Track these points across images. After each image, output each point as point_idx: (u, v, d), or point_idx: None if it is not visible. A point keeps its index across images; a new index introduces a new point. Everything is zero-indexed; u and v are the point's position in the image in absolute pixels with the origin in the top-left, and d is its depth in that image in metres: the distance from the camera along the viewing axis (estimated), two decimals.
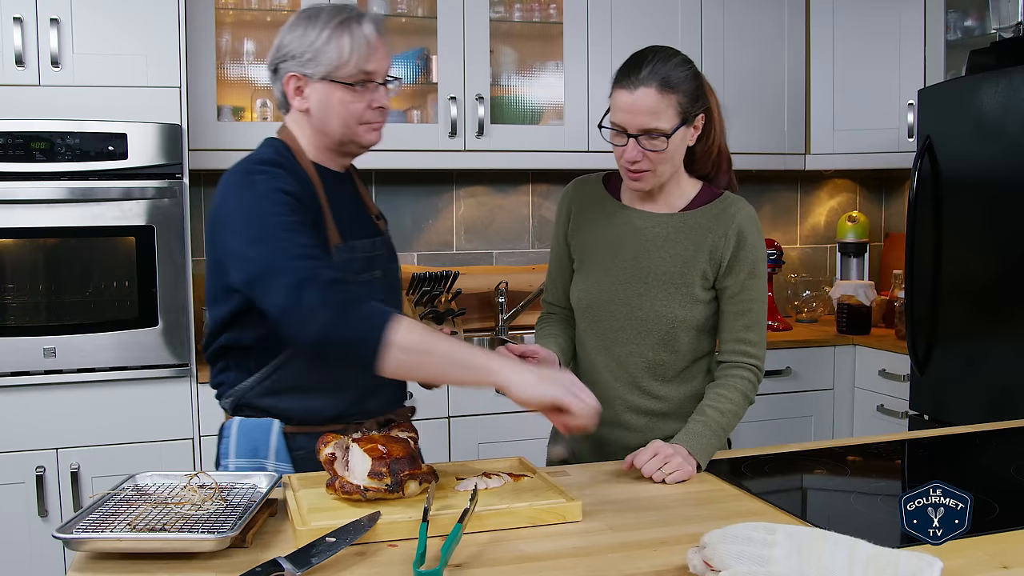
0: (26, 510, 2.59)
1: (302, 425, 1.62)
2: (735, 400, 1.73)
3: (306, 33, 1.58)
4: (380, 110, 1.64)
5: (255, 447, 1.62)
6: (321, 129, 1.63)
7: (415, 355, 1.37)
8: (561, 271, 1.92)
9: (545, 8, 3.41)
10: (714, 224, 1.76)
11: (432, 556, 1.18)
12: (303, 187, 1.57)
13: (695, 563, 1.12)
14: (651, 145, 1.66)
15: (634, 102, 1.64)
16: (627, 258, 1.77)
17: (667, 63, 1.66)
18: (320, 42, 1.57)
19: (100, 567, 1.18)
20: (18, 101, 2.58)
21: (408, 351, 1.36)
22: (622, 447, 1.75)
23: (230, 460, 1.63)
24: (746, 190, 3.95)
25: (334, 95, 1.59)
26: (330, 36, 1.57)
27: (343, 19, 1.58)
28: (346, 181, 1.73)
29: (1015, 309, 2.72)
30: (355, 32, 1.58)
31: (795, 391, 3.41)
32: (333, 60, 1.57)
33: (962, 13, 3.38)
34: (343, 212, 1.64)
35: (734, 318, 1.76)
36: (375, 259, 1.69)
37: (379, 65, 1.61)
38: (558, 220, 1.91)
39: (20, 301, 2.59)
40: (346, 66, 1.57)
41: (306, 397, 1.62)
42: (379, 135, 1.67)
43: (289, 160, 1.61)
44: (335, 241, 1.60)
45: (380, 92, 1.63)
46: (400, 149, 3.16)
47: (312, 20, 1.59)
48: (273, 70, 1.64)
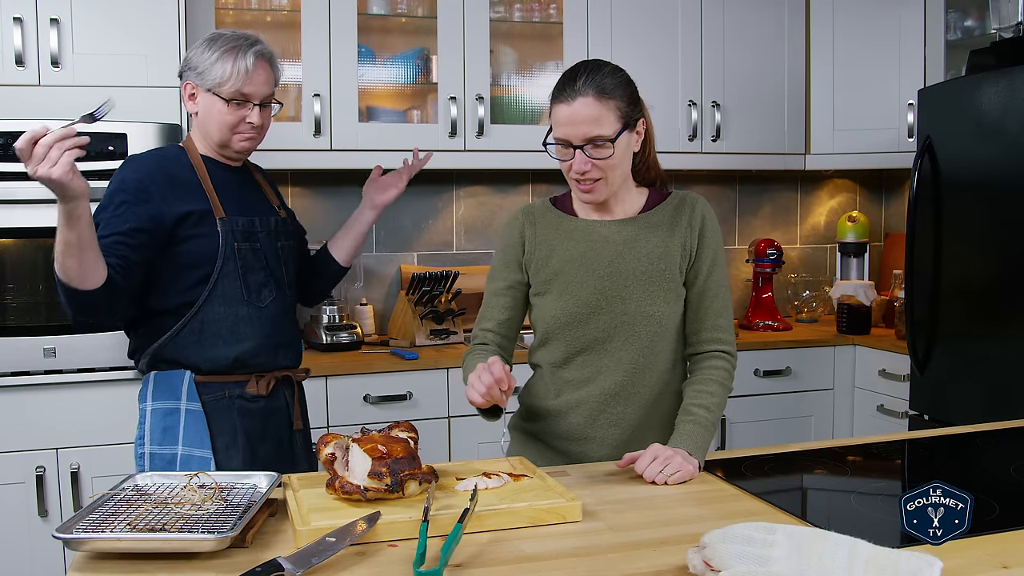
0: (26, 510, 2.59)
1: (209, 375, 1.97)
2: (716, 393, 1.75)
3: (204, 51, 1.95)
4: (251, 126, 1.98)
5: (170, 390, 1.96)
6: (203, 130, 2.01)
7: (63, 257, 1.68)
8: (508, 298, 1.86)
9: (545, 8, 3.42)
10: (677, 217, 1.80)
11: (432, 556, 1.18)
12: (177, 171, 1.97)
13: (695, 563, 1.12)
14: (597, 154, 1.69)
15: (574, 113, 1.68)
16: (602, 266, 1.77)
17: (599, 72, 1.70)
18: (210, 61, 1.94)
19: (100, 567, 1.18)
20: (18, 101, 2.58)
21: (59, 263, 1.69)
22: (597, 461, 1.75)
23: (147, 404, 1.97)
24: (746, 190, 3.99)
25: (215, 106, 1.96)
26: (218, 58, 1.93)
27: (232, 47, 1.94)
28: (240, 174, 2.10)
29: (1015, 309, 2.72)
30: (238, 60, 1.93)
31: (795, 391, 3.42)
32: (216, 78, 1.94)
33: (962, 13, 3.38)
34: (229, 196, 2.01)
35: (703, 307, 1.79)
36: (255, 233, 2.03)
37: (255, 90, 1.96)
38: (508, 248, 1.86)
39: (20, 301, 2.59)
40: (225, 85, 1.93)
41: (209, 349, 1.97)
42: (250, 145, 2.02)
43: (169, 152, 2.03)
44: (218, 215, 1.97)
45: (254, 112, 1.97)
46: (400, 149, 3.16)
47: (212, 41, 1.96)
48: (180, 76, 2.02)
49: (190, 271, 1.95)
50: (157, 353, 1.98)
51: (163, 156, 2.02)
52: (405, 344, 3.22)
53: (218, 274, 1.96)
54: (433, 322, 3.24)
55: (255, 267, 2.02)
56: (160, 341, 1.97)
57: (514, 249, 1.85)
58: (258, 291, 2.02)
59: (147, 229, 1.89)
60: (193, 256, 1.94)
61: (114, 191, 1.92)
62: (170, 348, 1.97)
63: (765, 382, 3.37)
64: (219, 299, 1.97)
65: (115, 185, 1.93)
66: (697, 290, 1.79)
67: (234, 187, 2.06)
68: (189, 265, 1.95)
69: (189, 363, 1.97)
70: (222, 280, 1.97)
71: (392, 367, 2.92)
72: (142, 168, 1.96)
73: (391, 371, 2.91)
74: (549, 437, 1.83)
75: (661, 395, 1.81)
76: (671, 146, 3.41)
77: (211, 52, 1.94)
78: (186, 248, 1.94)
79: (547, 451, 1.83)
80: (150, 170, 1.95)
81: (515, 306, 1.86)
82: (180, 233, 1.93)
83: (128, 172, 1.95)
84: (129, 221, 1.87)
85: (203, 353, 1.97)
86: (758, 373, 3.35)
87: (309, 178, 3.38)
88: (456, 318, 3.30)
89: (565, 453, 1.81)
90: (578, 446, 1.80)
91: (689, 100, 3.47)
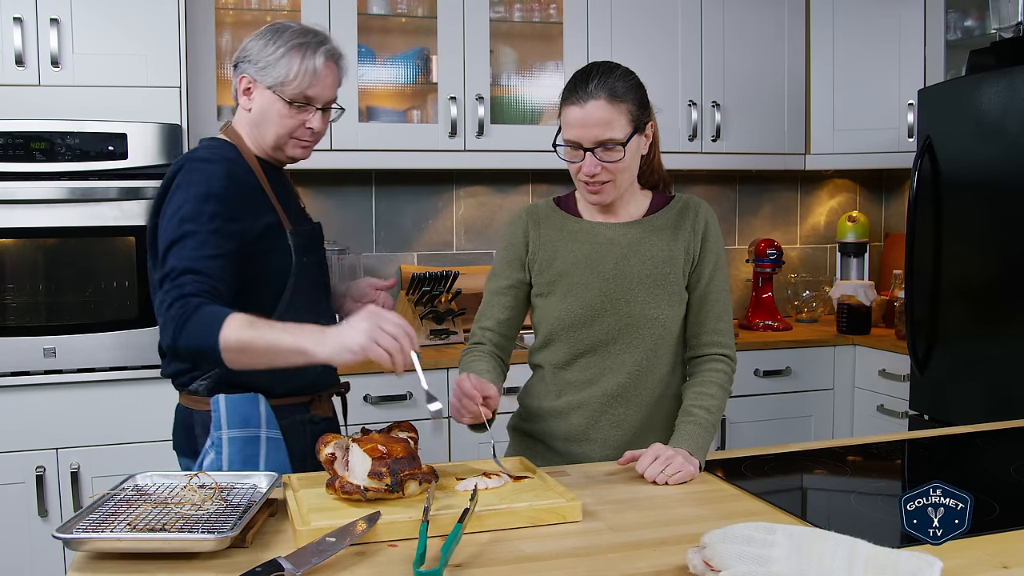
0: (26, 510, 2.59)
1: (280, 398, 1.78)
2: (716, 395, 1.75)
3: (267, 44, 1.75)
4: (311, 131, 1.79)
5: (245, 417, 1.74)
6: (257, 130, 1.79)
7: (242, 354, 1.52)
8: (509, 298, 1.85)
9: (545, 8, 3.41)
10: (681, 220, 1.80)
11: (432, 556, 1.18)
12: (246, 178, 1.73)
13: (695, 563, 1.12)
14: (608, 156, 1.69)
15: (586, 116, 1.67)
16: (607, 268, 1.77)
17: (611, 75, 1.70)
18: (274, 56, 1.73)
19: (100, 567, 1.18)
20: (18, 101, 2.58)
21: (236, 351, 1.51)
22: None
23: (223, 432, 1.73)
24: (746, 190, 3.99)
25: (274, 106, 1.75)
26: (284, 54, 1.73)
27: (301, 43, 1.74)
28: (282, 175, 1.89)
29: (1015, 309, 2.72)
30: (306, 58, 1.73)
31: (795, 391, 3.41)
32: (280, 76, 1.73)
33: (962, 13, 3.38)
34: (285, 203, 1.81)
35: (705, 311, 1.80)
36: (317, 244, 1.87)
37: (320, 93, 1.77)
38: (511, 247, 1.85)
39: (20, 301, 2.59)
40: (289, 85, 1.73)
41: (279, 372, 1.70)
42: (306, 152, 1.83)
43: (229, 153, 1.75)
44: (287, 227, 1.77)
45: (316, 116, 1.78)
46: (400, 149, 3.17)
47: (276, 34, 1.76)
48: (234, 66, 1.80)
49: (261, 288, 1.74)
50: (223, 377, 1.74)
51: (227, 158, 1.75)
52: None
53: (291, 292, 1.77)
54: (433, 322, 3.24)
55: (319, 281, 1.85)
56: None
57: (517, 248, 1.85)
58: (322, 306, 1.86)
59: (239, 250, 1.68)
60: (266, 273, 1.74)
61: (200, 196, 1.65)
62: (237, 374, 1.68)
63: (765, 382, 3.37)
64: (291, 318, 1.71)
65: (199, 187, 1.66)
66: (699, 294, 1.79)
67: (284, 192, 1.86)
68: (260, 283, 1.74)
69: (260, 387, 1.75)
70: (294, 298, 1.77)
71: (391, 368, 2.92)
72: (226, 172, 1.70)
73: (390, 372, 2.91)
74: (549, 438, 1.83)
75: (662, 397, 1.81)
76: (671, 146, 3.41)
77: (275, 46, 1.74)
78: (258, 265, 1.73)
79: (547, 452, 1.83)
80: (233, 175, 1.71)
81: (515, 306, 1.86)
82: (255, 249, 1.72)
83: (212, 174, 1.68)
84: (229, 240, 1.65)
85: (277, 375, 1.68)
86: (758, 373, 3.35)
87: (309, 178, 3.38)
88: (456, 318, 3.30)
89: (565, 454, 1.81)
90: (579, 447, 1.80)
91: (689, 100, 3.47)
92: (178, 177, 1.69)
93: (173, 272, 1.58)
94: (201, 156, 1.72)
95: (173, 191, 1.68)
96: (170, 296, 1.56)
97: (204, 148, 1.78)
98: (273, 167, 1.84)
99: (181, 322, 1.53)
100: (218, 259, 1.61)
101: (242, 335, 1.50)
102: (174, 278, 1.58)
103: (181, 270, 1.58)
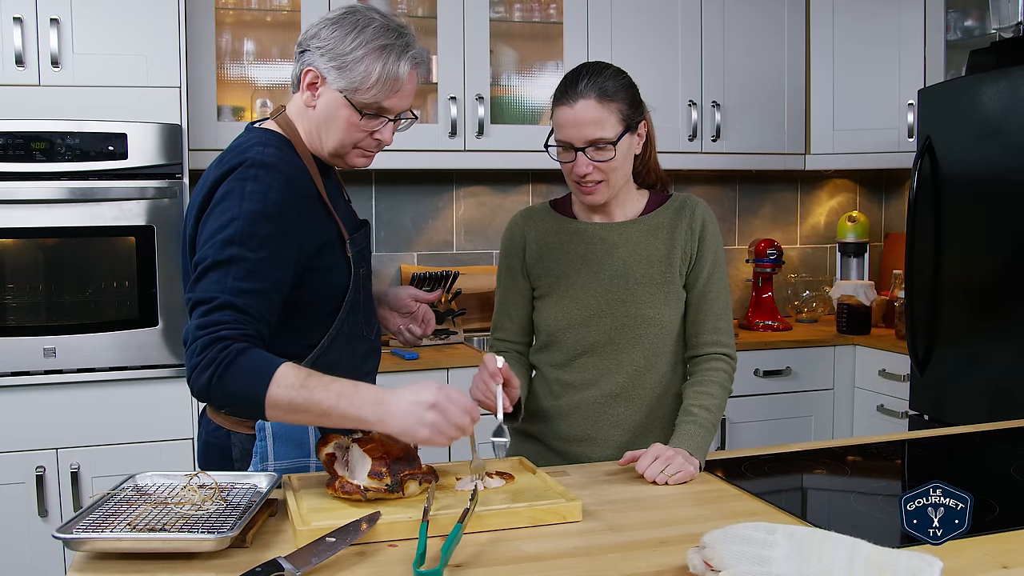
0: (26, 510, 2.59)
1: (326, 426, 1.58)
2: (716, 394, 1.75)
3: (346, 38, 1.50)
4: (378, 143, 1.58)
5: (296, 446, 1.57)
6: (317, 131, 1.57)
7: (291, 414, 1.35)
8: (517, 305, 1.87)
9: (545, 8, 3.41)
10: (677, 220, 1.80)
11: (432, 556, 1.18)
12: (305, 188, 1.53)
13: (695, 563, 1.12)
14: (599, 156, 1.69)
15: (576, 115, 1.67)
16: (604, 269, 1.78)
17: (601, 75, 1.70)
18: (353, 56, 1.49)
19: (100, 567, 1.18)
20: (18, 101, 2.58)
21: (286, 411, 1.34)
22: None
23: (269, 463, 1.56)
24: (746, 190, 3.99)
25: (342, 111, 1.52)
26: (365, 55, 1.49)
27: (385, 45, 1.50)
28: (332, 174, 1.70)
29: (1015, 309, 2.72)
30: (390, 64, 1.50)
31: (795, 391, 3.41)
32: (356, 80, 1.50)
33: (962, 13, 3.38)
34: (338, 206, 1.62)
35: (704, 310, 1.79)
36: (369, 253, 1.70)
37: (397, 103, 1.54)
38: (509, 254, 1.87)
39: (20, 301, 2.59)
40: (365, 93, 1.50)
41: None
42: (368, 162, 1.62)
43: (287, 155, 1.53)
44: (345, 236, 1.58)
45: (387, 128, 1.57)
46: (400, 149, 3.15)
47: (358, 28, 1.50)
48: (300, 51, 1.56)
49: (313, 308, 1.56)
50: None
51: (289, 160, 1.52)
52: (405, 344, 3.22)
53: (348, 309, 1.58)
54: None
55: (369, 293, 1.66)
56: None
57: (515, 256, 1.86)
58: (374, 318, 1.69)
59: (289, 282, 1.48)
60: (321, 291, 1.54)
61: (253, 214, 1.42)
62: None
63: (765, 382, 3.37)
64: (343, 337, 1.59)
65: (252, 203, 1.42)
66: (697, 293, 1.79)
67: (336, 193, 1.66)
68: (315, 300, 1.55)
69: None
70: (351, 314, 1.59)
71: (392, 367, 2.92)
72: (285, 183, 1.47)
73: (391, 371, 2.91)
74: (549, 438, 1.83)
75: (662, 397, 1.81)
76: (671, 146, 3.41)
77: (356, 43, 1.49)
78: (314, 281, 1.53)
79: (547, 452, 1.83)
80: (291, 186, 1.48)
81: (525, 311, 1.87)
82: (313, 266, 1.53)
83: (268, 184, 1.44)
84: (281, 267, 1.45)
85: None
86: (758, 373, 3.35)
87: None
88: (456, 318, 3.29)
89: (565, 454, 1.81)
90: (579, 447, 1.80)
91: (689, 100, 3.47)
92: (229, 180, 1.45)
93: (212, 303, 1.37)
94: (260, 160, 1.46)
95: (222, 197, 1.44)
96: (205, 335, 1.35)
97: (260, 144, 1.50)
98: (327, 167, 1.65)
99: (220, 369, 1.33)
100: (264, 293, 1.41)
101: (294, 397, 1.33)
102: (210, 311, 1.37)
103: (221, 304, 1.37)
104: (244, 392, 1.33)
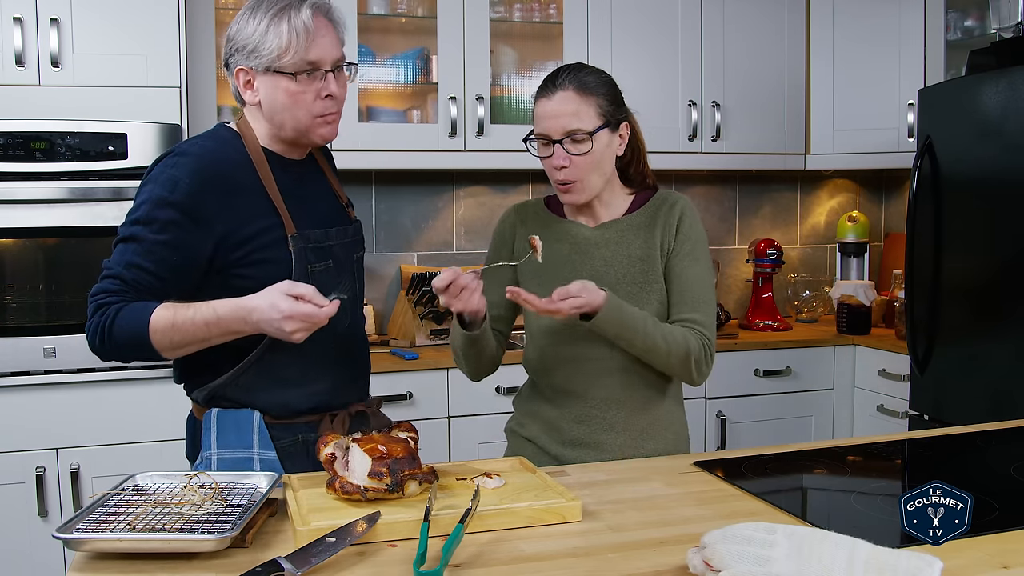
0: (26, 510, 2.59)
1: (279, 418, 1.64)
2: (675, 332, 1.71)
3: (248, 23, 1.56)
4: (330, 99, 1.59)
5: (239, 436, 1.62)
6: (273, 121, 1.61)
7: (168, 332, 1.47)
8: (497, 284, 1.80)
9: (545, 8, 3.41)
10: (657, 215, 1.80)
11: (432, 556, 1.18)
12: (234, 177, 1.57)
13: (695, 563, 1.12)
14: (576, 149, 1.69)
15: (554, 107, 1.70)
16: (588, 269, 1.78)
17: (581, 71, 1.73)
18: (259, 32, 1.54)
19: (100, 567, 1.18)
20: (18, 101, 2.59)
21: (163, 332, 1.47)
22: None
23: (212, 452, 1.62)
24: (746, 190, 3.99)
25: (279, 86, 1.56)
26: (268, 25, 1.54)
27: (282, 7, 1.54)
28: (307, 169, 1.71)
29: (1015, 309, 2.72)
30: (293, 19, 1.53)
31: (795, 391, 3.41)
32: (273, 50, 1.54)
33: (962, 13, 3.38)
34: (296, 200, 1.63)
35: (679, 291, 1.76)
36: (331, 248, 1.67)
37: (323, 52, 1.56)
38: (498, 246, 1.88)
39: (20, 301, 2.59)
40: (286, 55, 1.54)
41: (280, 391, 1.63)
42: (333, 130, 1.63)
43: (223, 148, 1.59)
44: (289, 231, 1.59)
45: (328, 80, 1.58)
46: (400, 149, 3.17)
47: (253, 10, 1.56)
48: (226, 65, 1.62)
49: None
50: (217, 391, 1.63)
51: (219, 150, 1.59)
52: (405, 344, 3.22)
53: None
54: (433, 322, 3.24)
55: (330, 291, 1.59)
56: (219, 382, 1.62)
57: (504, 247, 1.88)
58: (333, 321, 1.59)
59: (194, 266, 1.54)
60: (258, 285, 1.50)
61: (159, 200, 1.51)
62: (232, 389, 1.62)
63: (765, 382, 3.37)
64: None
65: (162, 189, 1.52)
66: (675, 276, 1.77)
67: (300, 187, 1.66)
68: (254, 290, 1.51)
69: (257, 405, 1.63)
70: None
71: (392, 367, 2.92)
72: (198, 171, 1.53)
73: (391, 371, 2.91)
74: (544, 442, 1.83)
75: (656, 398, 1.80)
76: (671, 146, 3.41)
77: (257, 22, 1.55)
78: (248, 275, 1.56)
79: (544, 456, 1.83)
80: (208, 176, 1.54)
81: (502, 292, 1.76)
82: (242, 258, 1.56)
83: (181, 172, 1.52)
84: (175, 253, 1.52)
85: (273, 398, 1.62)
86: (758, 373, 3.35)
87: None
88: None
89: (562, 458, 1.81)
90: (574, 452, 1.80)
91: (689, 100, 3.47)
92: (156, 167, 1.57)
93: (107, 270, 1.53)
94: (183, 149, 1.57)
95: (145, 182, 1.57)
96: (93, 302, 1.51)
97: (200, 137, 1.63)
98: (291, 162, 1.66)
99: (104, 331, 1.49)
100: (155, 273, 1.51)
101: (162, 313, 1.47)
102: (102, 279, 1.52)
103: (111, 275, 1.52)
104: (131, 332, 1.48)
